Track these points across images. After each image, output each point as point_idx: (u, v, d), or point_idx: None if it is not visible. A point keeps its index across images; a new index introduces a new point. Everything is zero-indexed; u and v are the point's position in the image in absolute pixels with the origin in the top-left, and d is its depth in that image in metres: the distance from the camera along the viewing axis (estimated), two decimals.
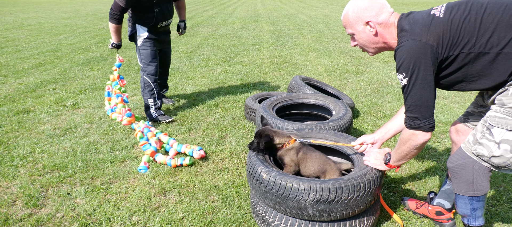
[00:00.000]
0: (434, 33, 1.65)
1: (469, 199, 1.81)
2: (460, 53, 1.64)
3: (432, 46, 1.65)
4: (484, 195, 1.79)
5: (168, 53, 4.29)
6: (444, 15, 1.68)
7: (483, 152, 1.67)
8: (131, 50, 8.16)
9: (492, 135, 1.64)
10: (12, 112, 4.22)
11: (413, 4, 19.99)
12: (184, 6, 4.34)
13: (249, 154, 2.23)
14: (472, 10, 1.64)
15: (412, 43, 1.67)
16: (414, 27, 1.71)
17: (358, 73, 6.06)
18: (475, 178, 1.74)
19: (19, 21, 13.97)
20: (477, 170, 1.73)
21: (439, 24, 1.66)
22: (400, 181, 2.80)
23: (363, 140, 2.26)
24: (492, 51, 1.59)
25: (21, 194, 2.59)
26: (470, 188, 1.77)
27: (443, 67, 1.72)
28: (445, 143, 3.42)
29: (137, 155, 3.20)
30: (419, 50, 1.65)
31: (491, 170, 1.73)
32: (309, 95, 3.45)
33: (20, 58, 7.31)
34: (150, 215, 2.37)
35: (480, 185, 1.75)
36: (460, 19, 1.64)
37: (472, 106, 2.04)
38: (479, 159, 1.70)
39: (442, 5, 1.75)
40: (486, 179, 1.75)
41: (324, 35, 10.26)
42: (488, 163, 1.69)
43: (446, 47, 1.65)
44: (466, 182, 1.77)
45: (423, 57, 1.65)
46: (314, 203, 1.85)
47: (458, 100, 4.61)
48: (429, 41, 1.65)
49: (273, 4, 23.18)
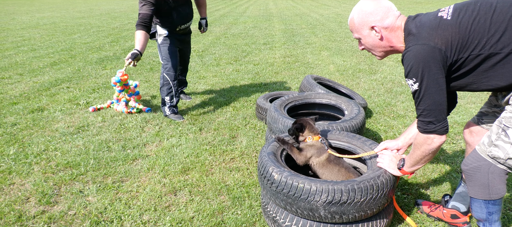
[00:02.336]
0: (442, 36, 1.61)
1: (485, 203, 1.75)
2: (470, 55, 1.60)
3: (440, 50, 1.60)
4: (501, 198, 1.74)
5: (188, 52, 4.35)
6: (452, 17, 1.63)
7: (499, 154, 1.62)
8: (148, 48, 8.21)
9: (508, 136, 1.59)
10: (27, 110, 4.29)
11: (427, 3, 19.66)
12: (205, 4, 4.35)
13: (260, 153, 2.22)
14: (481, 10, 1.59)
15: (420, 48, 1.63)
16: (421, 31, 1.66)
17: (371, 72, 5.98)
18: (491, 181, 1.69)
19: (35, 21, 14.24)
20: (493, 173, 1.67)
21: (447, 27, 1.62)
22: (414, 183, 2.75)
23: (386, 146, 2.18)
24: (503, 51, 1.54)
25: (34, 191, 2.62)
26: (485, 191, 1.72)
27: (453, 70, 1.67)
28: (460, 144, 3.34)
29: (148, 153, 3.22)
30: (428, 55, 1.61)
31: (508, 173, 1.67)
32: (321, 95, 3.41)
33: (36, 57, 7.44)
34: (161, 214, 2.38)
35: (496, 188, 1.70)
36: (469, 21, 1.59)
37: (485, 106, 1.98)
38: (495, 161, 1.65)
39: (450, 6, 1.71)
40: (502, 181, 1.69)
41: (336, 34, 10.17)
42: (505, 165, 1.64)
43: (456, 51, 1.61)
44: (482, 185, 1.72)
45: (432, 61, 1.61)
46: (326, 204, 1.82)
47: (473, 100, 4.51)
48: (437, 45, 1.60)
49: (285, 3, 23.11)
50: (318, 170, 2.25)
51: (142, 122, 3.92)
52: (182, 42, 4.10)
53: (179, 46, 4.06)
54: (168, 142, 3.45)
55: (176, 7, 3.75)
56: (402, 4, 19.12)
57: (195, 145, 3.36)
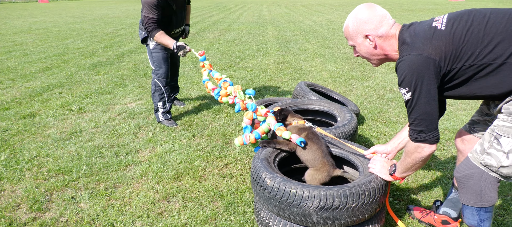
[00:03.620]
0: (436, 47, 1.63)
1: (476, 210, 1.77)
2: (463, 66, 1.62)
3: (434, 61, 1.62)
4: (492, 205, 1.76)
5: (177, 57, 4.41)
6: (446, 27, 1.65)
7: (491, 162, 1.65)
8: (136, 55, 8.21)
9: (500, 144, 1.61)
10: (18, 115, 4.25)
11: (419, 10, 19.93)
12: (189, 12, 4.42)
13: (253, 159, 2.23)
14: (475, 21, 1.61)
15: (414, 58, 1.65)
16: (415, 40, 1.68)
17: (363, 79, 6.04)
18: (483, 189, 1.71)
19: (27, 26, 14.14)
20: (485, 181, 1.70)
21: (441, 37, 1.64)
22: (406, 189, 2.77)
23: (375, 150, 2.22)
24: (496, 62, 1.56)
25: (25, 198, 2.60)
26: (477, 199, 1.74)
27: (446, 81, 1.70)
28: (451, 150, 3.39)
29: (141, 159, 3.21)
30: (421, 65, 1.63)
31: (499, 180, 1.70)
32: (314, 101, 3.44)
33: (28, 62, 7.39)
34: (154, 221, 2.37)
35: (488, 195, 1.72)
36: (463, 31, 1.61)
37: (477, 114, 2.02)
38: (487, 169, 1.68)
39: (444, 16, 1.73)
40: (494, 189, 1.72)
41: (329, 41, 10.25)
42: (497, 173, 1.66)
43: (449, 61, 1.63)
44: (474, 192, 1.74)
45: (425, 71, 1.63)
46: (318, 210, 1.84)
47: (464, 107, 4.57)
48: (431, 55, 1.63)
49: (279, 9, 23.24)
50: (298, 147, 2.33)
51: (135, 128, 3.91)
52: None
53: (170, 52, 4.06)
54: (161, 148, 3.44)
55: (176, 12, 3.78)
56: (395, 11, 19.35)
57: (188, 151, 3.36)
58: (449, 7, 22.27)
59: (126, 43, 9.86)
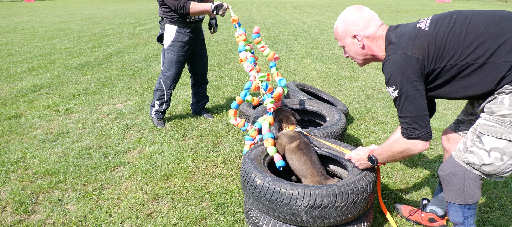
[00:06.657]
0: (420, 46, 1.69)
1: (460, 207, 1.82)
2: (446, 65, 1.68)
3: (417, 59, 1.68)
4: (476, 203, 1.80)
5: (204, 57, 4.07)
6: (429, 28, 1.72)
7: (473, 160, 1.69)
8: (125, 55, 8.13)
9: (482, 143, 1.65)
10: (3, 117, 4.17)
11: (406, 12, 20.19)
12: None
13: (243, 159, 2.23)
14: (457, 22, 1.67)
15: (399, 57, 1.71)
16: (400, 41, 1.74)
17: (352, 79, 6.10)
18: (466, 186, 1.76)
19: (12, 25, 13.88)
20: (468, 178, 1.74)
21: (425, 37, 1.70)
22: (394, 187, 2.81)
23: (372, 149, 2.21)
24: (477, 62, 1.61)
25: (11, 200, 2.55)
26: (461, 196, 1.78)
27: (430, 80, 1.75)
28: (438, 149, 3.44)
29: (130, 160, 3.18)
30: (406, 63, 1.69)
31: (482, 178, 1.74)
32: (303, 101, 3.46)
33: (13, 62, 7.25)
34: (143, 222, 2.35)
35: (472, 193, 1.76)
36: (445, 32, 1.67)
37: (462, 114, 2.07)
38: (470, 167, 1.72)
39: (428, 17, 1.80)
40: (477, 187, 1.76)
41: (318, 41, 10.31)
42: (479, 171, 1.70)
43: (432, 60, 1.69)
44: (457, 190, 1.78)
45: (409, 69, 1.69)
46: (307, 209, 1.85)
47: (450, 107, 4.65)
48: (415, 54, 1.68)
49: (268, 10, 23.28)
50: (287, 156, 2.36)
51: (123, 129, 3.87)
52: (195, 43, 3.87)
53: (191, 50, 3.85)
54: (150, 148, 3.41)
55: None
56: (383, 12, 19.57)
57: (177, 152, 3.34)
58: (435, 8, 22.62)
59: (115, 43, 9.75)
